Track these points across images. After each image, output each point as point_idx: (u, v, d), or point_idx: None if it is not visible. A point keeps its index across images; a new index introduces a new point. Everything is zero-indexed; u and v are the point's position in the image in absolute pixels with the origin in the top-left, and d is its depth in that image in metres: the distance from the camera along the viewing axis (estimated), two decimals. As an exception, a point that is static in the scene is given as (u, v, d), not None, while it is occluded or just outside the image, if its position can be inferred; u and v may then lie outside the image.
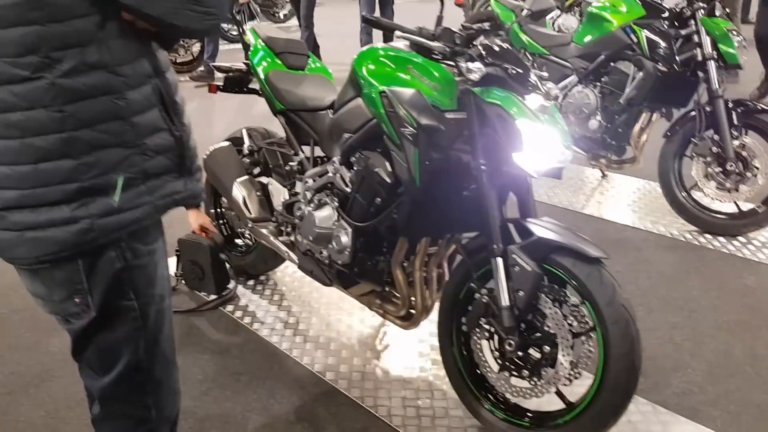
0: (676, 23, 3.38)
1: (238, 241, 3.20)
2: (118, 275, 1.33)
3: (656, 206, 3.82)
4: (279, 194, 2.65)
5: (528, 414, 2.09)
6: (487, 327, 2.05)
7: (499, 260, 1.94)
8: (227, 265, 2.92)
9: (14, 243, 1.26)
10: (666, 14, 3.40)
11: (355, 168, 2.23)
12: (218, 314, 2.90)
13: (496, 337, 2.04)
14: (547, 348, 1.94)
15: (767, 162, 3.30)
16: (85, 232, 1.24)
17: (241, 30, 2.44)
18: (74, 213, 1.23)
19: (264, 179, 2.76)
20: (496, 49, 1.95)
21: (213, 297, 2.96)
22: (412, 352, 2.59)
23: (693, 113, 3.38)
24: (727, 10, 3.99)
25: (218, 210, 3.18)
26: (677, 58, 3.32)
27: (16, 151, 1.20)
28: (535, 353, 1.98)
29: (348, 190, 2.27)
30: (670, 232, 3.54)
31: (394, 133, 2.01)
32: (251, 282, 3.14)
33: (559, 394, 2.04)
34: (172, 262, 2.99)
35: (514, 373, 2.02)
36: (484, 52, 1.93)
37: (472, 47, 1.97)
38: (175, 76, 1.37)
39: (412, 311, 2.31)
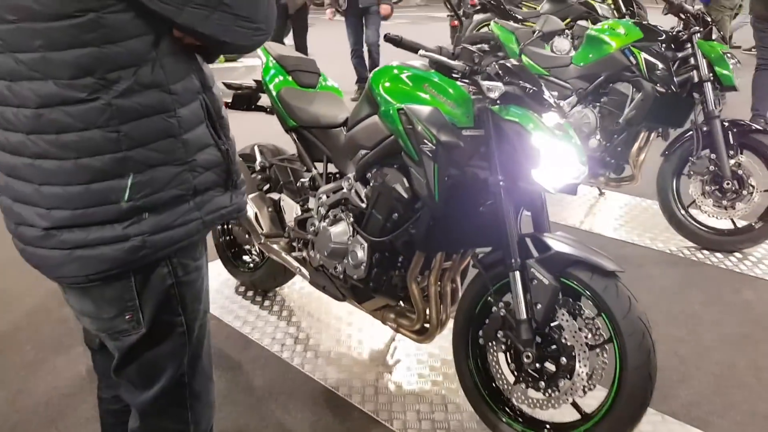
0: (673, 46, 3.48)
1: (246, 258, 3.22)
2: (168, 291, 1.34)
3: (654, 223, 3.90)
4: (291, 210, 2.68)
5: (546, 426, 2.12)
6: (503, 340, 2.08)
7: (517, 274, 1.98)
8: None
9: (63, 262, 1.26)
10: (663, 37, 3.50)
11: (371, 184, 2.26)
12: (227, 330, 2.91)
13: (512, 349, 2.08)
14: (564, 360, 1.98)
15: (762, 180, 3.39)
16: (137, 249, 1.25)
17: None
18: (126, 231, 1.24)
19: (275, 195, 2.79)
20: (512, 68, 2.01)
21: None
22: (423, 366, 2.62)
23: (690, 133, 3.48)
24: (722, 33, 4.11)
25: (225, 226, 3.20)
26: (675, 79, 3.42)
27: (69, 172, 1.20)
28: (551, 365, 2.02)
29: (363, 205, 2.30)
30: (669, 249, 3.62)
31: (413, 149, 2.05)
32: (259, 298, 3.15)
33: (575, 405, 2.08)
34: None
35: (531, 385, 2.06)
36: (500, 71, 1.99)
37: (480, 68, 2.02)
38: (219, 90, 1.40)
39: (427, 325, 2.33)
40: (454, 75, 2.01)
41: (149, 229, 1.25)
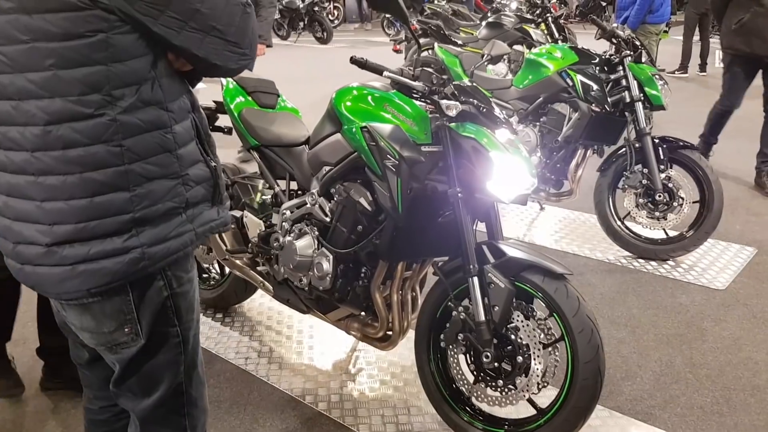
0: (606, 68, 3.75)
1: (205, 276, 3.27)
2: (164, 303, 1.41)
3: (592, 234, 4.14)
4: (254, 226, 2.76)
5: (505, 423, 2.26)
6: (463, 342, 2.22)
7: (476, 279, 2.12)
8: None
9: (64, 278, 1.30)
10: (597, 60, 3.76)
11: (335, 198, 2.37)
12: (190, 347, 2.94)
13: (472, 350, 2.22)
14: (519, 358, 2.12)
15: (690, 192, 3.67)
16: (137, 261, 1.32)
17: None
18: (126, 243, 1.30)
19: (237, 213, 2.86)
20: (467, 88, 2.17)
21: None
22: (385, 373, 2.73)
23: (623, 150, 3.74)
24: (650, 56, 4.42)
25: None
26: (608, 99, 3.67)
27: (74, 186, 1.26)
28: (507, 364, 2.16)
29: (327, 219, 2.41)
30: (607, 258, 3.85)
31: (377, 165, 2.18)
32: (219, 315, 3.20)
33: (531, 401, 2.22)
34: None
35: (490, 384, 2.20)
36: (456, 91, 2.15)
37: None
38: (203, 112, 1.49)
39: (390, 333, 2.45)
40: (414, 95, 2.16)
41: (147, 241, 1.32)
